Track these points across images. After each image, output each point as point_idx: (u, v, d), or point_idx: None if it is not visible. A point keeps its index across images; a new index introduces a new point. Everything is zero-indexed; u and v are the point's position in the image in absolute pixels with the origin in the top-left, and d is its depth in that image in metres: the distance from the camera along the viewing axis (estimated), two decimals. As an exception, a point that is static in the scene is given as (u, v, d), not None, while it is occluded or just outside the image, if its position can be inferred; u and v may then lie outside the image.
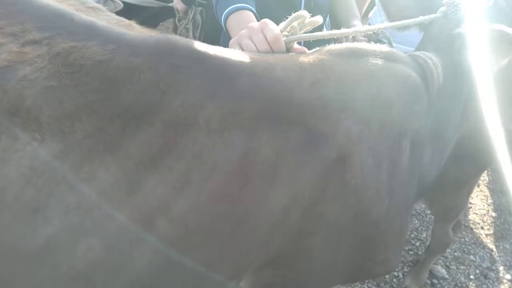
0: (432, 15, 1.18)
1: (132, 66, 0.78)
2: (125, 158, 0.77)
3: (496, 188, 3.57)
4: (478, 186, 3.58)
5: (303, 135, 0.86)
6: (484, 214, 3.24)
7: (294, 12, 0.97)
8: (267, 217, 0.89)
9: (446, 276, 2.58)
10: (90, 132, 0.76)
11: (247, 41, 0.95)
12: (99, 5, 0.94)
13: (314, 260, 1.04)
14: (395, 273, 2.50)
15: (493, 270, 2.72)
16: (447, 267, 2.65)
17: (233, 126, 0.82)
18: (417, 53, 1.09)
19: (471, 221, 3.12)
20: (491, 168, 3.67)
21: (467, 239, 2.93)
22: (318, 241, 1.00)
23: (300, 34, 0.97)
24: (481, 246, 2.90)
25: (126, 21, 0.95)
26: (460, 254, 2.78)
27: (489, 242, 2.95)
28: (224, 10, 1.15)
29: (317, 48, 0.98)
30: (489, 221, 3.18)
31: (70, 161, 0.75)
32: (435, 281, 2.54)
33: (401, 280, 2.44)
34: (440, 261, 2.68)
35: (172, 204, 0.80)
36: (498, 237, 3.03)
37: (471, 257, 2.78)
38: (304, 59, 0.92)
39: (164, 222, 0.81)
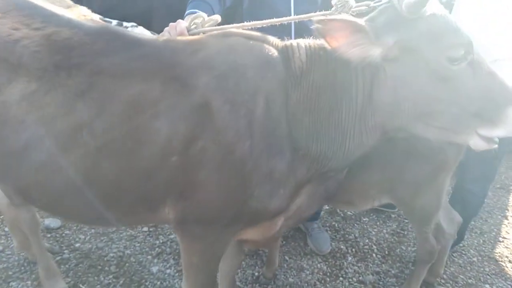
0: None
1: (83, 41, 1.36)
2: (68, 91, 1.32)
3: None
4: (520, 223, 3.34)
5: (179, 85, 1.31)
6: (518, 250, 3.02)
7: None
8: (156, 143, 1.31)
9: (450, 299, 2.51)
10: (53, 77, 1.33)
11: (167, 32, 1.49)
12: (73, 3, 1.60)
13: (206, 192, 1.39)
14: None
15: (512, 302, 2.54)
16: (455, 291, 2.57)
17: (135, 76, 1.32)
18: (292, 41, 1.47)
19: (498, 253, 2.94)
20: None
21: (487, 269, 2.78)
22: (205, 175, 1.36)
23: (201, 29, 1.47)
24: (503, 277, 2.72)
25: (89, 16, 1.58)
26: (473, 281, 2.66)
27: (516, 276, 2.75)
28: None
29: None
30: (522, 257, 2.95)
31: (39, 94, 1.33)
32: (435, 301, 2.49)
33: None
34: (449, 285, 2.61)
35: (92, 122, 1.31)
36: (530, 273, 2.80)
37: (487, 286, 2.64)
38: (192, 38, 1.41)
39: (87, 133, 1.31)
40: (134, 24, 3.66)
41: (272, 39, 1.45)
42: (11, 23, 1.41)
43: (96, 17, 2.34)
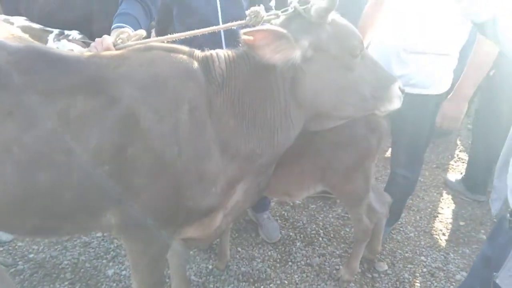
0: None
1: (8, 60, 1.40)
2: None
3: (474, 201, 3.61)
4: (454, 198, 3.66)
5: (105, 98, 1.39)
6: (450, 223, 3.32)
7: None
8: (87, 154, 1.39)
9: (389, 271, 2.75)
10: None
11: (93, 47, 1.57)
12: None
13: (142, 197, 1.49)
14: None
15: (444, 270, 2.80)
16: (393, 265, 2.81)
17: (60, 92, 1.39)
18: (211, 51, 1.59)
19: (433, 228, 3.23)
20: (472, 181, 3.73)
21: (422, 243, 3.05)
22: (139, 181, 1.46)
23: (127, 43, 1.55)
24: (437, 249, 3.00)
25: (16, 34, 1.62)
26: (410, 255, 2.92)
27: (448, 247, 3.04)
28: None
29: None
30: (453, 229, 3.25)
31: None
32: (375, 275, 2.72)
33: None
34: (388, 260, 2.85)
35: (22, 138, 1.36)
36: (460, 243, 3.10)
37: (422, 257, 2.90)
38: (116, 53, 1.50)
39: (17, 149, 1.37)
40: (77, 31, 3.67)
41: (192, 50, 1.56)
42: None
43: (37, 26, 2.36)
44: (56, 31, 2.73)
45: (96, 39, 1.59)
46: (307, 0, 1.55)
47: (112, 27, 1.78)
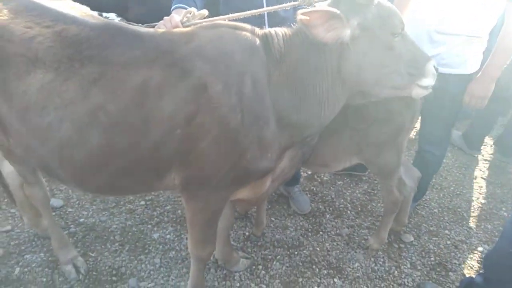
0: None
1: (89, 35, 1.59)
2: (82, 79, 1.55)
3: (495, 181, 3.75)
4: (475, 178, 3.79)
5: (178, 70, 1.57)
6: (473, 201, 3.47)
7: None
8: (162, 120, 1.57)
9: (415, 243, 2.92)
10: (68, 68, 1.56)
11: (162, 25, 1.73)
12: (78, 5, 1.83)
13: (206, 159, 1.67)
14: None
15: (466, 243, 2.97)
16: (418, 237, 2.98)
17: (139, 65, 1.57)
18: (270, 29, 1.75)
19: (456, 205, 3.38)
20: (494, 161, 3.85)
21: (446, 218, 3.21)
22: (205, 144, 1.63)
23: (193, 21, 1.73)
24: (460, 224, 3.15)
25: (92, 13, 1.82)
26: (435, 229, 3.08)
27: (470, 222, 3.19)
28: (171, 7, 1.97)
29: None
30: (475, 206, 3.40)
31: (57, 83, 1.56)
32: (402, 245, 2.89)
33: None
34: (413, 232, 3.02)
35: (106, 105, 1.56)
36: (482, 219, 3.25)
37: (446, 231, 3.07)
38: (185, 30, 1.66)
39: (102, 114, 1.56)
40: (114, 14, 3.88)
41: (254, 28, 1.72)
42: (24, 23, 1.62)
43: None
44: (94, 13, 2.94)
45: (165, 18, 1.75)
46: (355, -17, 1.68)
47: (173, 7, 1.94)
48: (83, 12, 1.76)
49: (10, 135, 1.78)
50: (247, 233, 2.88)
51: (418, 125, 2.92)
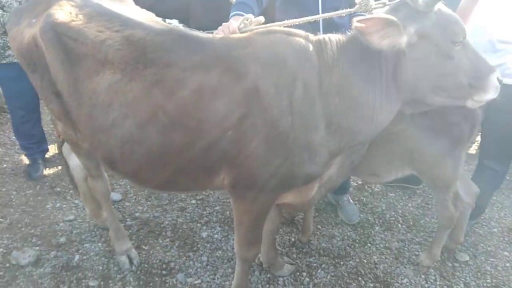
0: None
1: (154, 40, 1.71)
2: (145, 80, 1.67)
3: None
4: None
5: (233, 74, 1.63)
6: (539, 222, 3.20)
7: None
8: (216, 120, 1.64)
9: (470, 262, 2.76)
10: (133, 69, 1.69)
11: (220, 31, 1.82)
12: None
13: (255, 161, 1.72)
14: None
15: (529, 267, 2.76)
16: (474, 257, 2.81)
17: (197, 68, 1.66)
18: (324, 35, 1.76)
19: (518, 226, 3.15)
20: None
21: (506, 239, 3.00)
22: (255, 146, 1.68)
23: (249, 27, 1.80)
24: (522, 246, 2.93)
25: (157, 19, 1.94)
26: (493, 249, 2.89)
27: (535, 246, 2.96)
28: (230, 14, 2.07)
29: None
30: (542, 229, 3.14)
31: (123, 83, 1.69)
32: (456, 264, 2.75)
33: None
34: (469, 252, 2.85)
35: (165, 105, 1.66)
36: (549, 243, 2.99)
37: (506, 253, 2.87)
38: (242, 36, 1.74)
39: (162, 113, 1.67)
40: (177, 20, 4.09)
41: (308, 34, 1.75)
42: (96, 27, 1.78)
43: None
44: (159, 19, 3.13)
45: (223, 24, 1.84)
46: (414, -10, 1.66)
47: (231, 14, 2.03)
48: (149, 18, 1.89)
49: (78, 130, 1.95)
50: (292, 239, 2.89)
51: (479, 138, 2.77)
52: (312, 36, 1.75)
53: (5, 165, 3.76)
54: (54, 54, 1.80)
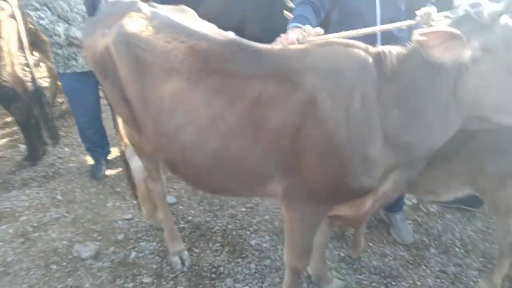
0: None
1: (216, 50, 1.79)
2: (206, 89, 1.76)
3: None
4: None
5: (291, 84, 1.67)
6: None
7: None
8: (272, 129, 1.69)
9: (535, 294, 2.56)
10: (196, 78, 1.78)
11: (279, 42, 1.88)
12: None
13: (309, 171, 1.73)
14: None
15: None
16: (541, 288, 2.60)
17: (256, 78, 1.72)
18: (383, 47, 1.74)
19: None
20: None
21: None
22: (309, 157, 1.70)
23: (308, 38, 1.83)
24: None
25: (220, 31, 2.02)
26: None
27: None
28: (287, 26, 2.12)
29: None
30: None
31: (186, 91, 1.79)
32: (519, 295, 2.56)
33: None
34: (535, 282, 2.64)
35: (224, 113, 1.73)
36: None
37: None
38: (300, 47, 1.77)
39: (221, 121, 1.74)
40: (232, 32, 4.19)
41: (367, 46, 1.75)
42: (163, 38, 1.90)
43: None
44: (220, 31, 3.27)
45: (282, 35, 1.89)
46: (478, 3, 1.61)
47: (290, 25, 2.08)
48: (212, 30, 1.99)
49: (143, 134, 2.07)
50: (342, 254, 2.84)
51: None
52: (371, 48, 1.75)
53: (71, 164, 4.06)
54: (125, 63, 1.94)
